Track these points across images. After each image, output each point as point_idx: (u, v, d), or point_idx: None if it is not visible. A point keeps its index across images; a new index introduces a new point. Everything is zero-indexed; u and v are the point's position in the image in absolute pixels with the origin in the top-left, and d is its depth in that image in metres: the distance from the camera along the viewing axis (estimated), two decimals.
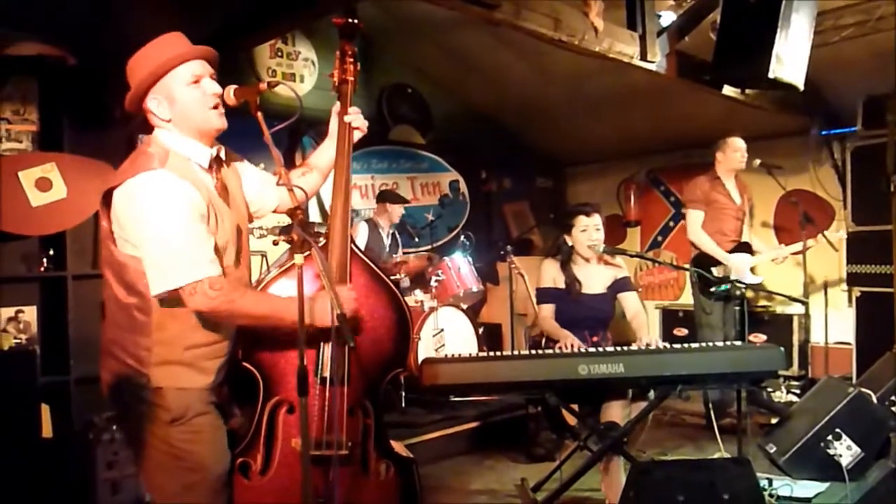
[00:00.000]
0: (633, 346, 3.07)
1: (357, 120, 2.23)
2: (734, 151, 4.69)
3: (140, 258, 1.82)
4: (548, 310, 3.54)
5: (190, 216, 1.82)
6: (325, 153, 2.30)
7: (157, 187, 1.80)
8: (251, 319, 1.95)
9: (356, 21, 2.26)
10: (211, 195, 1.93)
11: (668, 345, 3.03)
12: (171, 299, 1.83)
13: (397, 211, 5.28)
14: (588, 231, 3.49)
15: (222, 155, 2.03)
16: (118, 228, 1.84)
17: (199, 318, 1.89)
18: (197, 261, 1.81)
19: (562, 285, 3.54)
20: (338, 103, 2.27)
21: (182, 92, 1.89)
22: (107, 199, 1.86)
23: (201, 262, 1.82)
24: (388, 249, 5.18)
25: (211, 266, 1.84)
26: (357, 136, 2.26)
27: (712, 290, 4.35)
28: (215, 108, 1.93)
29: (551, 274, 3.58)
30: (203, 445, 1.91)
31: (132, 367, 1.87)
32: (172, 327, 1.87)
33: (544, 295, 3.58)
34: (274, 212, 2.28)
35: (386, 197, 5.31)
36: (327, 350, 2.05)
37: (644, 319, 3.53)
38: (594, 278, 3.54)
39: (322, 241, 2.13)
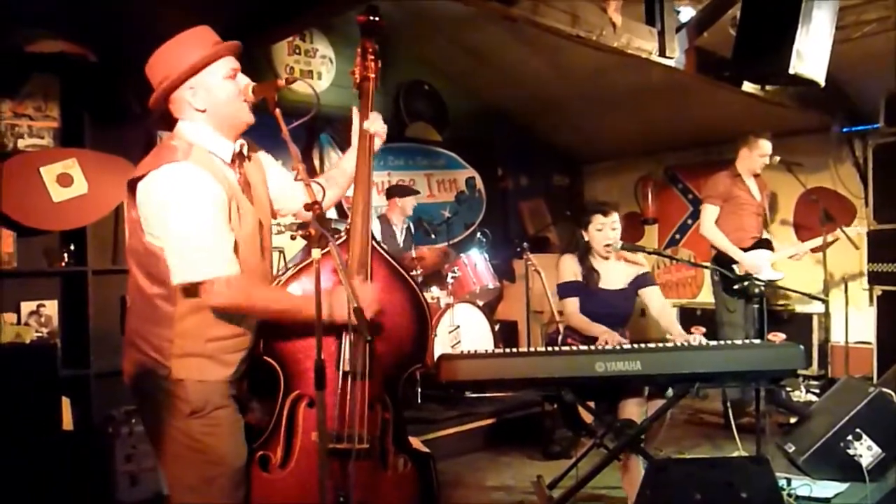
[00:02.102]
0: (661, 343, 3.02)
1: (375, 125, 2.24)
2: (761, 155, 4.64)
3: (163, 249, 1.84)
4: (573, 304, 3.50)
5: (212, 209, 1.84)
6: (348, 162, 2.32)
7: (180, 179, 1.82)
8: (268, 314, 1.98)
9: (378, 19, 2.27)
10: (233, 189, 1.94)
11: (688, 342, 3.01)
12: (193, 289, 1.85)
13: (410, 203, 5.24)
14: (604, 231, 3.47)
15: (244, 150, 2.04)
16: (143, 219, 1.86)
17: (217, 311, 1.90)
18: (218, 257, 1.83)
19: (582, 278, 3.52)
20: (355, 109, 2.28)
21: (220, 85, 1.92)
22: (132, 189, 1.88)
23: (222, 260, 1.84)
24: (401, 245, 5.18)
25: (230, 265, 1.85)
26: (378, 143, 2.27)
27: (735, 287, 4.31)
28: (246, 101, 1.96)
29: (571, 268, 3.54)
30: (222, 439, 1.92)
31: (154, 358, 1.89)
32: (195, 319, 1.88)
33: (567, 289, 3.54)
34: (295, 216, 2.29)
35: (394, 192, 5.28)
36: (348, 343, 2.05)
37: (672, 313, 3.50)
38: (613, 274, 3.52)
39: (344, 237, 2.14)
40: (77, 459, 3.29)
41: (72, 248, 3.96)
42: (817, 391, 5.06)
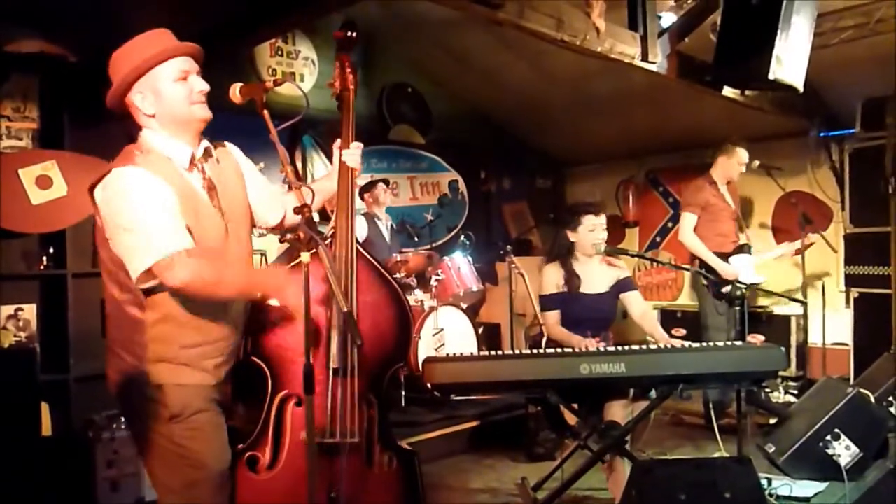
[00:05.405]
0: (643, 346, 3.05)
1: (353, 159, 2.26)
2: (739, 163, 4.72)
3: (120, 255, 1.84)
4: (554, 316, 3.51)
5: (158, 204, 1.82)
6: (328, 182, 2.34)
7: (126, 180, 1.82)
8: (233, 290, 1.94)
9: (354, 35, 2.31)
10: (192, 195, 1.92)
11: (671, 345, 3.03)
12: (156, 287, 1.84)
13: (379, 193, 5.16)
14: (596, 231, 3.47)
15: (213, 152, 2.02)
16: (104, 227, 1.86)
17: (186, 303, 1.87)
18: (168, 236, 1.80)
19: (565, 288, 3.50)
20: (339, 140, 2.30)
21: (168, 88, 1.90)
22: (92, 197, 1.89)
23: (172, 236, 1.81)
24: (389, 242, 5.16)
25: (183, 238, 1.82)
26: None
27: (724, 290, 4.35)
28: (198, 103, 1.94)
29: (553, 279, 3.52)
30: (202, 443, 1.91)
31: (132, 364, 1.89)
32: (166, 327, 1.88)
33: (549, 301, 3.53)
34: (274, 230, 2.28)
35: (361, 190, 5.20)
36: (336, 340, 2.07)
37: (654, 317, 3.52)
38: (596, 278, 3.53)
39: (330, 239, 2.15)
40: (57, 465, 3.25)
41: (51, 250, 3.91)
42: (795, 392, 5.13)
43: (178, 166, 1.93)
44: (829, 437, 3.57)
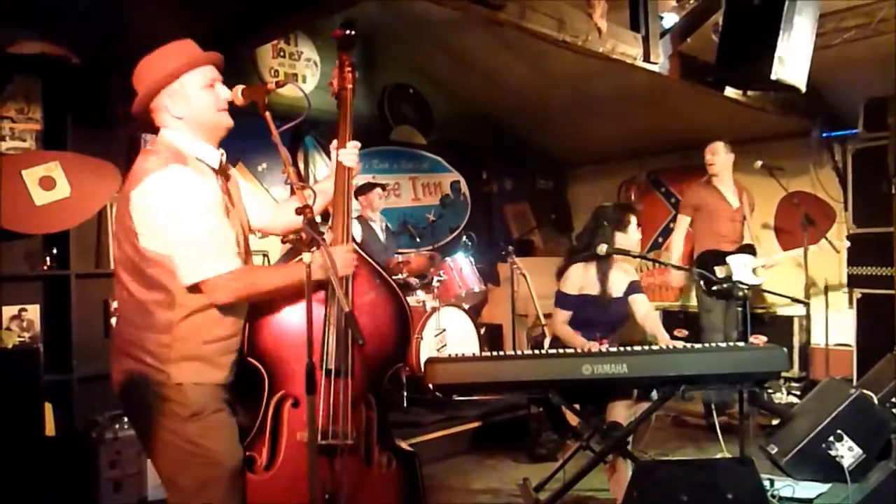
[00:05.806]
0: (645, 346, 3.05)
1: (349, 158, 2.25)
2: (708, 154, 4.82)
3: (165, 253, 1.84)
4: (564, 315, 3.49)
5: (212, 208, 1.87)
6: (330, 184, 2.32)
7: (178, 182, 1.83)
8: (270, 294, 1.99)
9: (353, 33, 2.32)
10: (220, 194, 1.95)
11: (672, 345, 3.03)
12: (200, 288, 1.88)
13: (374, 198, 5.14)
14: (635, 229, 3.52)
15: (223, 159, 2.05)
16: (141, 225, 1.85)
17: (221, 308, 1.92)
18: (222, 254, 1.86)
19: (589, 291, 3.46)
20: (335, 141, 2.30)
21: (198, 94, 1.93)
22: (125, 198, 1.88)
23: (226, 256, 1.87)
24: (384, 241, 5.15)
25: (235, 259, 1.89)
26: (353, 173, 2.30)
27: (715, 289, 4.40)
28: (224, 110, 1.98)
29: (578, 282, 3.48)
30: (218, 441, 1.93)
31: (151, 364, 1.88)
32: (194, 321, 1.89)
33: (566, 301, 3.50)
34: (259, 230, 2.30)
35: (357, 192, 5.16)
36: (332, 342, 2.07)
37: (656, 317, 3.53)
38: (615, 282, 3.51)
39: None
40: (60, 465, 3.26)
41: (54, 251, 3.92)
42: (798, 393, 5.12)
43: (207, 168, 1.96)
44: (831, 439, 3.56)
